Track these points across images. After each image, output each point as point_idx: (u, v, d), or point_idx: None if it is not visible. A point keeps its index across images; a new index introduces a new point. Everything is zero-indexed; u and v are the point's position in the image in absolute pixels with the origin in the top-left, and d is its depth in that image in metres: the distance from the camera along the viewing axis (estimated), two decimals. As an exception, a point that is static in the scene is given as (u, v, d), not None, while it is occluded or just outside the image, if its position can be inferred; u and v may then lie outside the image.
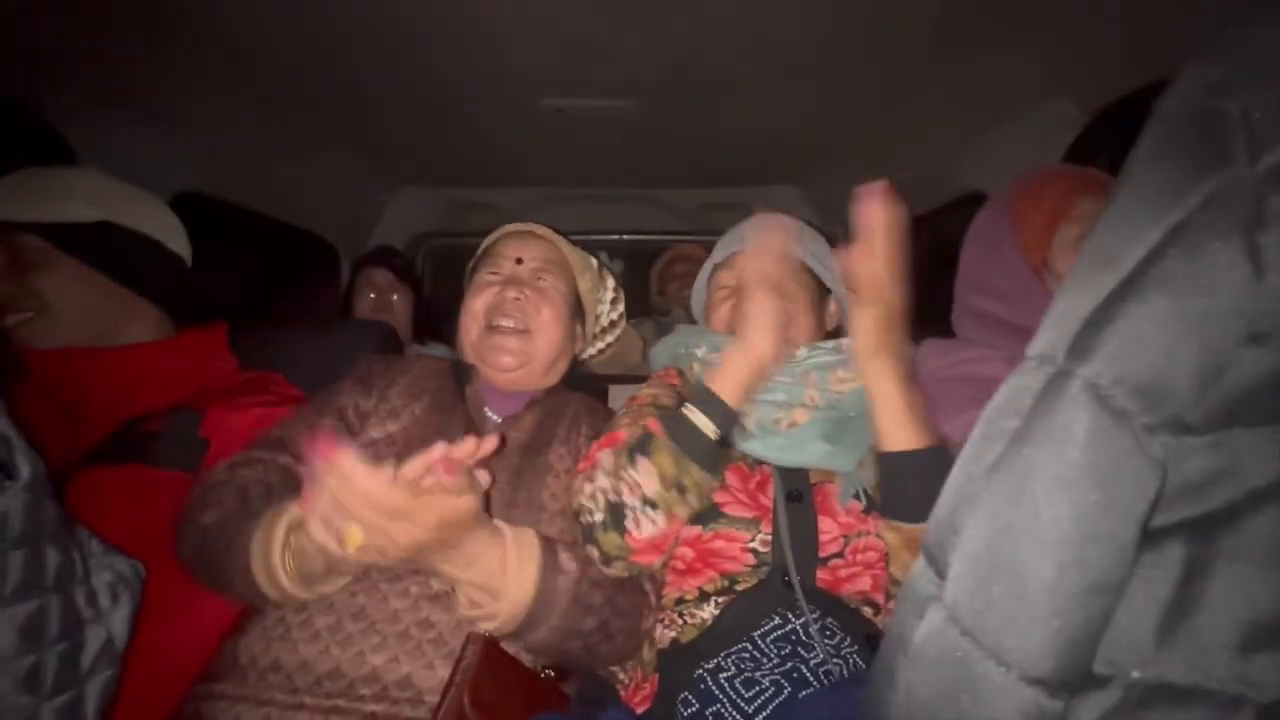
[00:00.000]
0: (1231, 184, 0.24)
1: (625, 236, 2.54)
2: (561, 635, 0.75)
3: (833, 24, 1.27)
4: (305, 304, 2.15)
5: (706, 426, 0.81)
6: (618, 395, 1.47)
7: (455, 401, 1.00)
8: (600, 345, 1.25)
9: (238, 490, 0.81)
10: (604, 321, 1.24)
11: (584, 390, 1.23)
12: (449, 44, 1.37)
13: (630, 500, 0.80)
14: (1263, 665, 0.21)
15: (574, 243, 1.18)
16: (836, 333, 1.06)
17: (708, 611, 0.84)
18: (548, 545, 0.77)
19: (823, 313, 1.05)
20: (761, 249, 0.85)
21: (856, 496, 0.87)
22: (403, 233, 2.37)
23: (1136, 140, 0.29)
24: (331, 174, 2.00)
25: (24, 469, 0.52)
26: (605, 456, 0.85)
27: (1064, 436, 0.25)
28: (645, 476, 0.80)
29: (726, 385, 0.83)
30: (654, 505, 0.79)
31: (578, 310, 1.13)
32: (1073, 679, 0.24)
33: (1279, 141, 0.23)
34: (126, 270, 1.09)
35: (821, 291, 1.05)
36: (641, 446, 0.82)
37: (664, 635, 0.87)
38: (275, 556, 0.72)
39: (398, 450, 0.90)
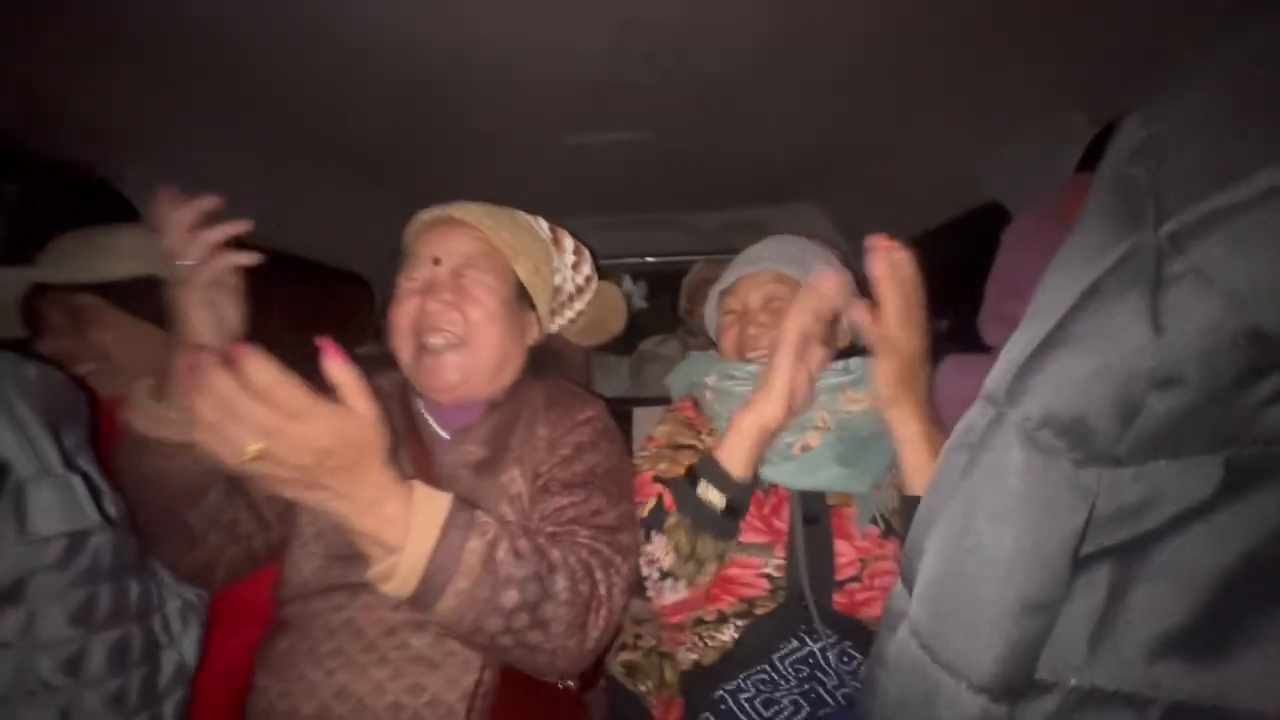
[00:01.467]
0: (1138, 247, 0.27)
1: (649, 260, 2.60)
2: (474, 609, 0.65)
3: (847, 44, 1.30)
4: (340, 336, 2.27)
5: (717, 501, 0.82)
6: (643, 418, 1.51)
7: (404, 425, 0.93)
8: (569, 314, 1.12)
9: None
10: (569, 289, 1.10)
11: (571, 376, 1.15)
12: (471, 89, 1.45)
13: (649, 572, 0.83)
14: (1167, 670, 0.24)
15: (598, 267, 1.10)
16: (847, 352, 1.07)
17: (727, 634, 0.86)
18: (461, 503, 0.68)
19: (833, 333, 1.06)
20: (802, 307, 0.81)
21: (874, 521, 0.88)
22: (435, 265, 2.48)
23: None
24: (363, 213, 2.12)
25: (113, 510, 0.59)
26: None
27: (1001, 472, 0.28)
28: (661, 551, 0.82)
29: (737, 454, 0.83)
30: (674, 577, 0.82)
31: (522, 298, 0.99)
32: (1016, 687, 0.27)
33: (1180, 209, 0.26)
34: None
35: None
36: (655, 522, 0.83)
37: (685, 658, 0.89)
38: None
39: None
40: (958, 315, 1.23)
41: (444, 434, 0.94)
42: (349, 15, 1.15)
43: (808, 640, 0.82)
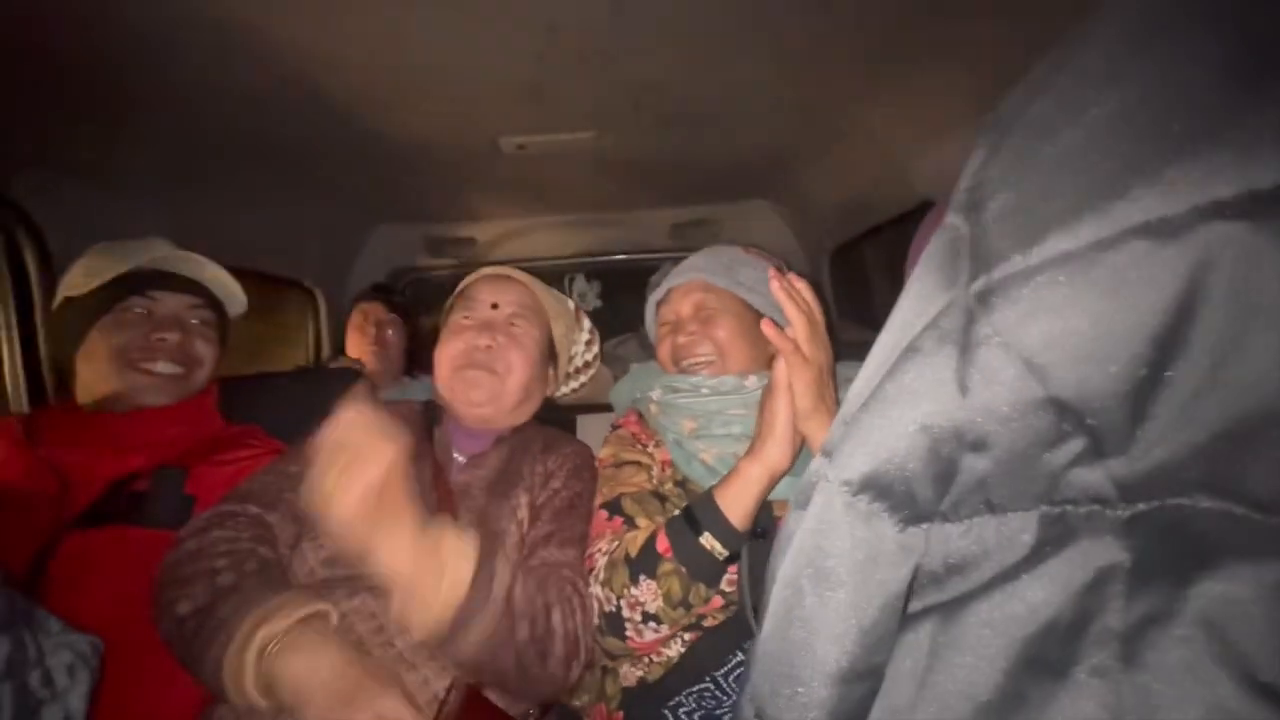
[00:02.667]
0: (951, 306, 0.26)
1: (602, 258, 2.58)
2: (494, 643, 0.75)
3: (786, 45, 1.30)
4: (287, 350, 2.19)
5: (719, 552, 0.79)
6: (585, 425, 1.50)
7: (423, 446, 1.03)
8: (574, 385, 1.29)
9: (208, 573, 0.82)
10: (578, 363, 1.28)
11: (545, 420, 1.26)
12: (404, 91, 1.41)
13: (630, 614, 0.80)
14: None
15: (551, 268, 1.21)
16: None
17: (674, 650, 0.86)
18: (484, 544, 0.78)
19: (764, 339, 1.05)
20: (798, 351, 0.79)
21: None
22: (380, 269, 2.42)
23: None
24: (305, 222, 2.05)
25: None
26: (603, 566, 0.85)
27: (825, 534, 0.28)
28: (648, 596, 0.79)
29: (740, 504, 0.80)
30: (657, 620, 0.80)
31: (550, 354, 1.16)
32: (843, 756, 0.27)
33: (990, 267, 0.25)
34: None
35: (758, 317, 1.05)
36: (646, 565, 0.80)
37: (630, 674, 0.88)
38: (248, 677, 0.73)
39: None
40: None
41: (459, 457, 1.05)
42: (271, 18, 1.10)
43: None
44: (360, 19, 1.12)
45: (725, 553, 0.79)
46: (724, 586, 0.87)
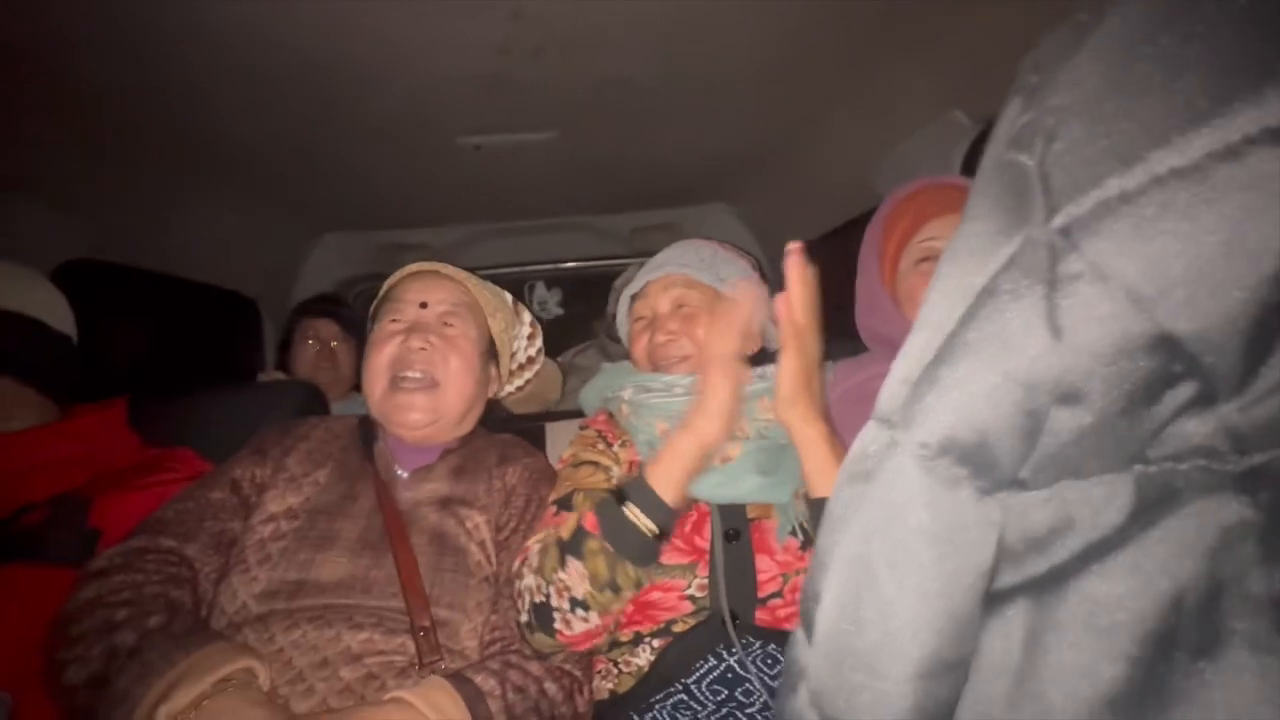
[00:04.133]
0: (1029, 244, 0.23)
1: (562, 265, 2.53)
2: None
3: (746, 49, 1.30)
4: (225, 364, 2.04)
5: (647, 526, 0.77)
6: (555, 432, 1.44)
7: (361, 464, 0.95)
8: (517, 383, 1.19)
9: (104, 629, 0.71)
10: (520, 359, 1.18)
11: (514, 430, 1.19)
12: (353, 87, 1.33)
13: (558, 603, 0.77)
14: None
15: (509, 275, 1.14)
16: (757, 359, 1.05)
17: (643, 658, 0.82)
18: (460, 682, 0.72)
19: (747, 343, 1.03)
20: (728, 323, 0.80)
21: (794, 533, 0.86)
22: (327, 279, 2.29)
23: None
24: (244, 227, 1.92)
25: None
26: (535, 553, 0.82)
27: (899, 508, 0.24)
28: (576, 579, 0.77)
29: (671, 477, 0.79)
30: (585, 606, 0.77)
31: (491, 353, 1.07)
32: (930, 766, 0.23)
33: (1071, 199, 0.23)
34: (5, 357, 1.01)
35: None
36: (573, 546, 0.78)
37: (600, 687, 0.84)
38: None
39: (300, 525, 0.85)
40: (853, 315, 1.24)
41: (402, 473, 0.96)
42: (208, 7, 1.01)
43: (725, 655, 0.78)
44: (312, 11, 1.04)
45: (654, 528, 0.77)
46: (695, 591, 0.83)
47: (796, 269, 0.78)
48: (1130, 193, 0.21)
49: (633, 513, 0.77)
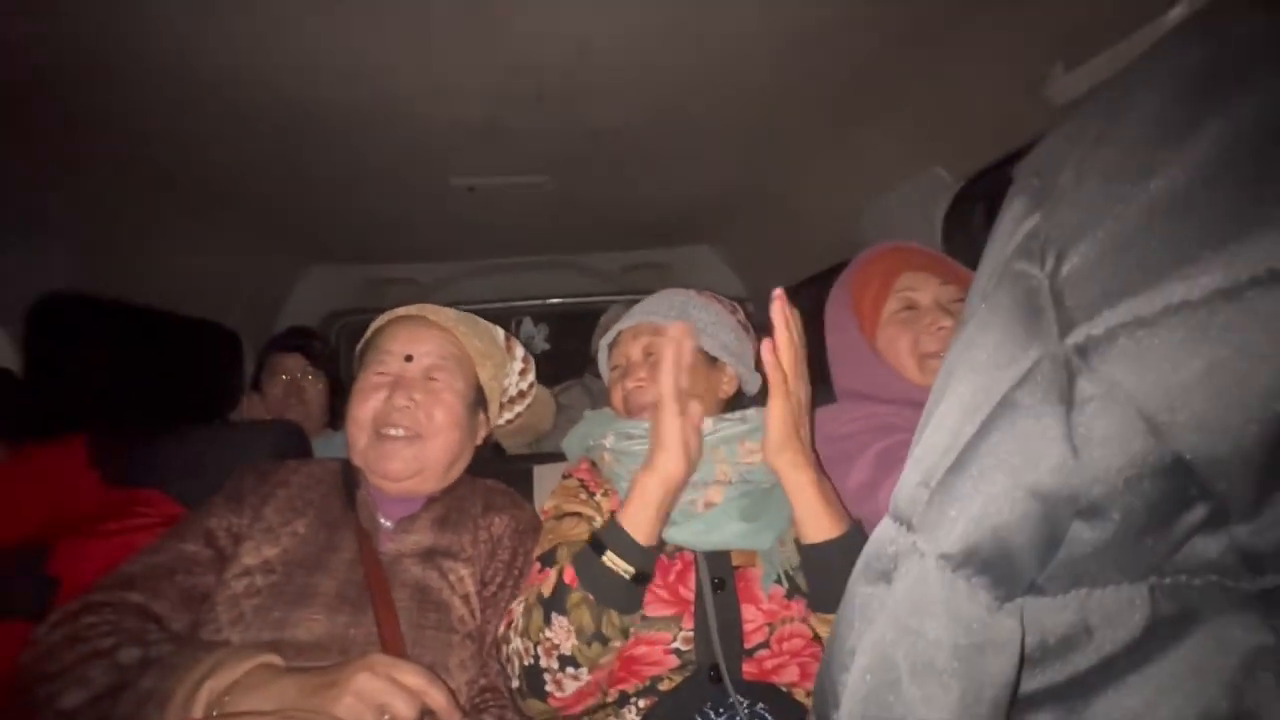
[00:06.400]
0: (1045, 361, 0.24)
1: (550, 301, 2.54)
2: None
3: (732, 101, 1.34)
4: (205, 399, 1.98)
5: (623, 570, 0.77)
6: (543, 475, 1.42)
7: (343, 513, 0.92)
8: (509, 416, 1.17)
9: (95, 655, 0.69)
10: (511, 393, 1.15)
11: (502, 473, 1.17)
12: (350, 129, 1.34)
13: (547, 662, 0.75)
14: None
15: (496, 310, 1.11)
16: (738, 402, 1.05)
17: (629, 718, 0.79)
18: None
19: (717, 382, 1.03)
20: (666, 362, 0.80)
21: (778, 580, 0.86)
22: (313, 312, 2.27)
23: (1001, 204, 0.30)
24: (229, 258, 1.90)
25: None
26: (520, 614, 0.80)
27: (923, 616, 0.24)
28: (562, 635, 0.75)
29: (641, 518, 0.78)
30: (574, 663, 0.75)
31: (479, 401, 1.05)
32: None
33: (1087, 319, 0.23)
34: None
35: (709, 359, 1.02)
36: (556, 603, 0.77)
37: None
38: None
39: (276, 579, 0.82)
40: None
41: (386, 522, 0.93)
42: (207, 47, 1.02)
43: (712, 716, 0.76)
44: (313, 52, 1.06)
45: (630, 570, 0.76)
46: (680, 645, 0.82)
47: (780, 315, 0.79)
48: (1145, 319, 0.22)
49: (609, 559, 0.77)
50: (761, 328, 0.88)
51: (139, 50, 1.03)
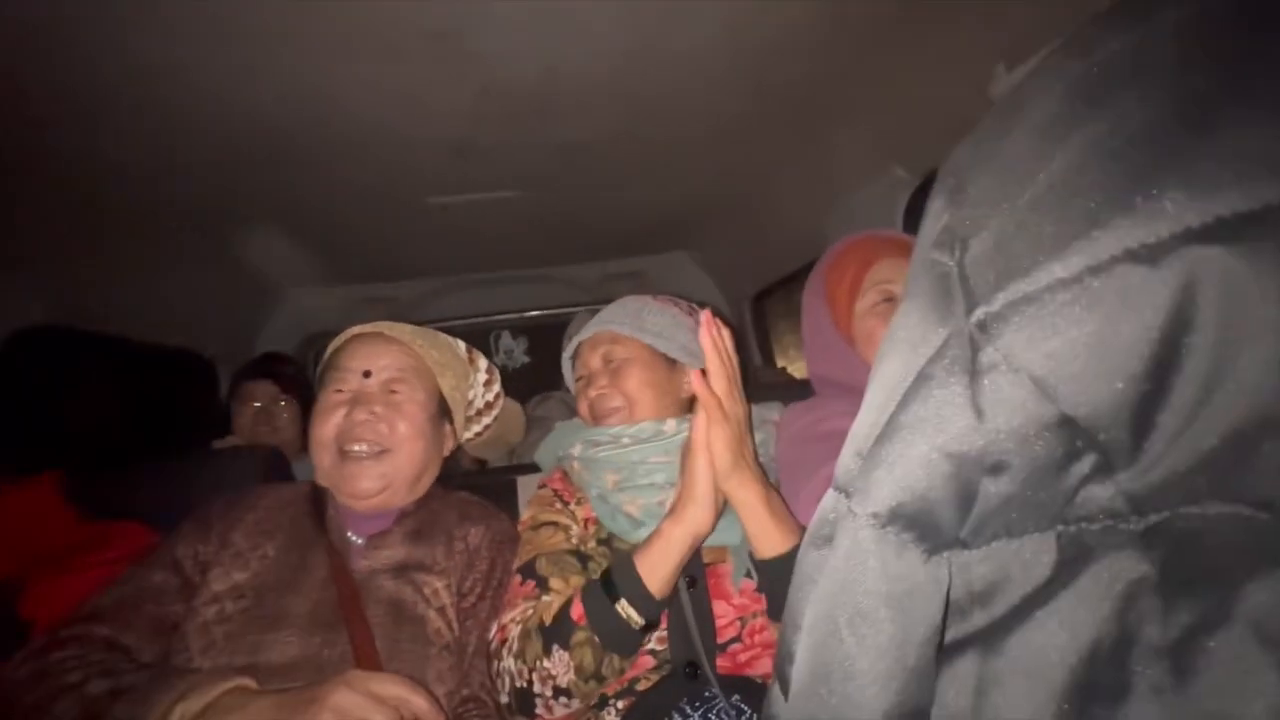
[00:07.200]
0: (955, 336, 0.27)
1: (527, 314, 2.55)
2: None
3: (699, 114, 1.38)
4: (181, 429, 1.96)
5: (635, 621, 0.76)
6: (527, 486, 1.43)
7: (314, 533, 0.91)
8: (476, 429, 1.16)
9: (64, 690, 0.68)
10: (479, 405, 1.15)
11: (485, 484, 1.18)
12: (324, 152, 1.36)
13: (542, 689, 0.76)
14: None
15: (475, 326, 1.11)
16: (695, 403, 1.07)
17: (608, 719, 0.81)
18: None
19: (678, 383, 1.05)
20: (701, 419, 0.77)
21: (748, 574, 0.87)
22: (292, 336, 2.26)
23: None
24: (206, 286, 1.89)
25: None
26: (516, 637, 0.80)
27: (857, 571, 0.27)
28: (560, 669, 0.76)
29: (660, 570, 0.77)
30: (569, 695, 0.76)
31: (443, 411, 1.04)
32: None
33: (985, 299, 0.27)
34: None
35: (668, 362, 1.04)
36: (560, 635, 0.77)
37: None
38: None
39: (248, 604, 0.81)
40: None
41: (357, 540, 0.93)
42: (191, 78, 1.03)
43: (688, 710, 0.78)
44: (284, 73, 1.07)
45: (641, 621, 0.76)
46: (654, 645, 0.84)
47: (709, 340, 0.78)
48: (1031, 295, 0.25)
49: (623, 608, 0.76)
50: (737, 327, 0.89)
51: (110, 80, 1.04)
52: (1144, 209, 0.24)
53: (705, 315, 0.80)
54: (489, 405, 1.15)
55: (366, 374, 0.96)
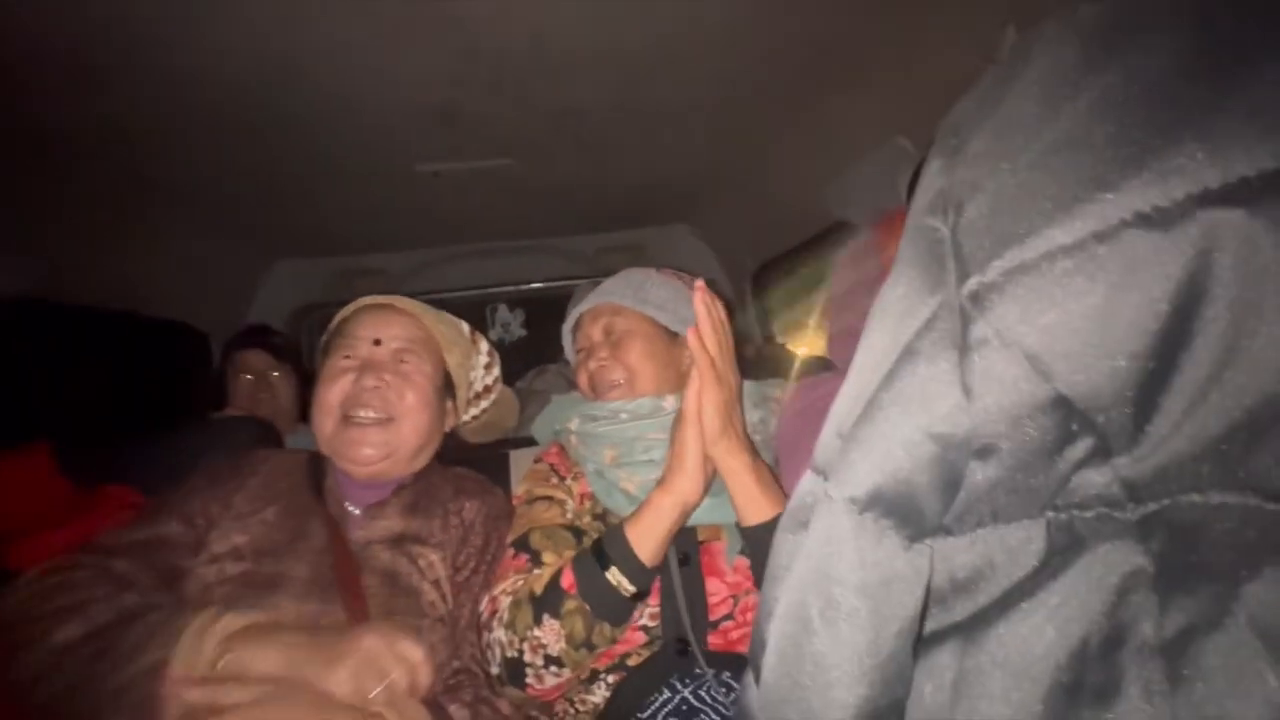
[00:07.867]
0: (945, 308, 0.25)
1: (524, 286, 2.52)
2: None
3: (698, 81, 1.33)
4: (172, 401, 1.95)
5: (626, 589, 0.77)
6: (518, 459, 1.42)
7: (312, 500, 0.91)
8: (474, 412, 1.17)
9: (91, 601, 0.69)
10: (477, 388, 1.15)
11: (478, 459, 1.17)
12: (308, 118, 1.31)
13: (532, 659, 0.76)
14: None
15: (471, 298, 1.10)
16: None
17: (599, 694, 0.81)
18: (434, 709, 0.71)
19: (678, 357, 1.04)
20: (706, 377, 0.77)
21: (742, 552, 0.87)
22: (281, 307, 2.24)
23: None
24: (195, 258, 1.86)
25: None
26: (506, 607, 0.80)
27: (833, 559, 0.25)
28: (551, 638, 0.76)
29: (650, 539, 0.78)
30: (560, 664, 0.76)
31: (447, 387, 1.04)
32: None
33: (979, 268, 0.24)
34: None
35: (670, 335, 1.03)
36: (550, 604, 0.77)
37: None
38: (204, 660, 0.65)
39: (246, 567, 0.82)
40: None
41: (355, 510, 0.93)
42: (160, 37, 0.99)
43: (678, 686, 0.78)
44: (266, 39, 1.03)
45: (632, 589, 0.77)
46: (647, 621, 0.84)
47: (703, 305, 0.78)
48: (1028, 264, 0.23)
49: (613, 575, 0.76)
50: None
51: (95, 51, 1.00)
52: (1158, 167, 0.21)
53: (698, 283, 0.80)
54: (487, 389, 1.15)
55: (377, 342, 0.96)
